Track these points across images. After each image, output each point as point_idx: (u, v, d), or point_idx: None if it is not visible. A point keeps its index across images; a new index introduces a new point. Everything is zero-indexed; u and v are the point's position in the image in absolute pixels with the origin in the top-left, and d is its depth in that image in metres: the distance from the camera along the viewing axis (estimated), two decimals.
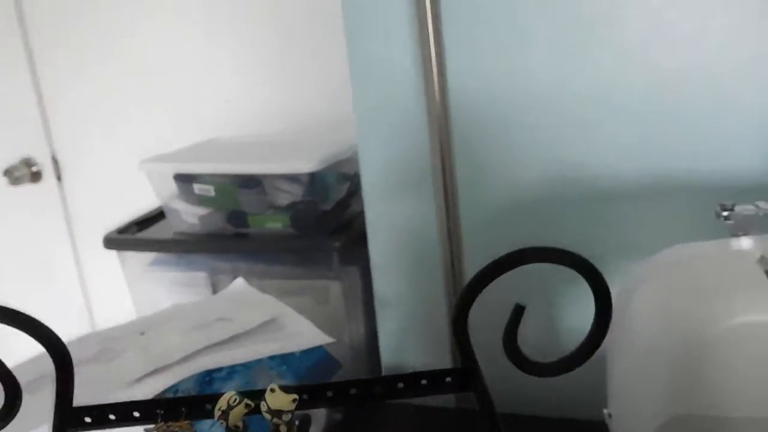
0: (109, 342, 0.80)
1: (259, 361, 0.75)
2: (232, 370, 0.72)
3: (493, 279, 0.37)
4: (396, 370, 1.08)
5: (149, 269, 1.20)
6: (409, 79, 0.89)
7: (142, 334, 0.81)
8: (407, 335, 1.05)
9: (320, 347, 0.82)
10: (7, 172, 1.50)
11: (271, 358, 0.77)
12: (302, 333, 0.81)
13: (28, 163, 1.53)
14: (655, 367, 0.51)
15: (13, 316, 0.36)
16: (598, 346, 0.38)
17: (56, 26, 1.48)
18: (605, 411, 0.59)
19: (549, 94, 0.84)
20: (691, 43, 0.78)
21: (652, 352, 0.51)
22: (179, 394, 0.75)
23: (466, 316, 0.38)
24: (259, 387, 0.79)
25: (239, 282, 0.95)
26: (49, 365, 0.40)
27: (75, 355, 0.61)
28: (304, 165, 1.07)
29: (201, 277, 1.20)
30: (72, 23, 1.46)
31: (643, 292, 0.53)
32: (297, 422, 0.84)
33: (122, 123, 1.47)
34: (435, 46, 0.84)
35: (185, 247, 1.18)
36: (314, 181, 1.10)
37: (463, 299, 0.37)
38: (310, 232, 1.12)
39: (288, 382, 0.82)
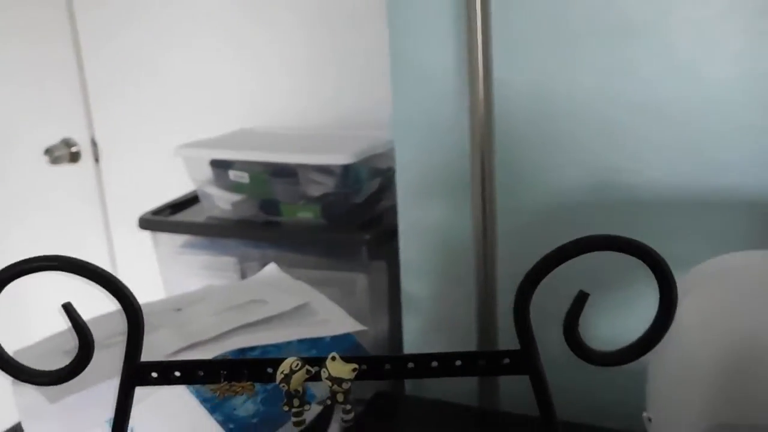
0: (145, 316, 0.81)
1: (289, 344, 0.77)
2: (264, 351, 0.74)
3: (559, 263, 0.38)
4: None
5: (181, 252, 1.22)
6: (452, 80, 0.90)
7: (178, 310, 0.83)
8: (432, 335, 1.06)
9: (350, 335, 0.83)
10: (48, 151, 1.54)
11: (301, 341, 0.78)
12: (334, 319, 0.82)
13: (68, 143, 1.57)
14: (698, 375, 0.51)
15: (91, 271, 0.37)
16: (660, 337, 0.38)
17: (101, 12, 1.51)
18: (645, 415, 0.59)
19: (594, 101, 0.85)
20: (738, 57, 0.78)
21: (697, 359, 0.52)
22: None
23: (529, 298, 0.39)
24: None
25: (272, 267, 0.97)
26: (116, 325, 0.41)
27: (111, 328, 0.64)
28: (339, 157, 1.09)
29: (231, 262, 1.22)
30: (116, 10, 1.49)
31: (689, 301, 0.53)
32: (317, 416, 0.85)
33: (161, 109, 1.50)
34: (483, 49, 0.84)
35: (217, 231, 1.20)
36: (347, 173, 1.11)
37: (528, 281, 0.38)
38: (341, 224, 1.14)
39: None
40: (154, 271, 1.26)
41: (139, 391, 0.47)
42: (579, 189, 0.89)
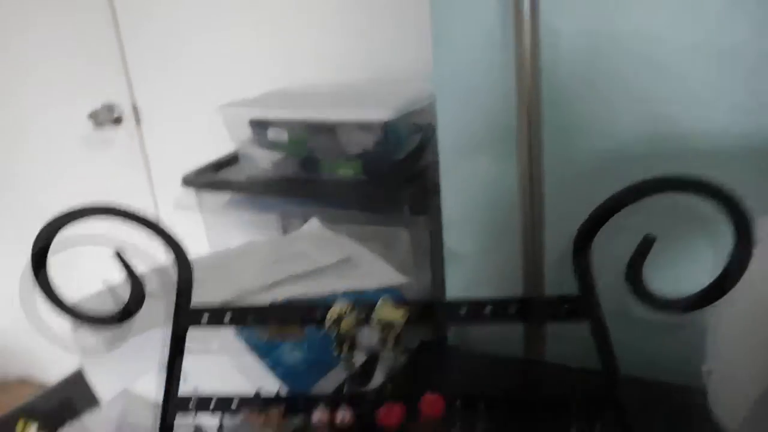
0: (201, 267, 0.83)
1: (333, 296, 0.77)
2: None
3: (625, 205, 0.36)
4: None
5: (224, 210, 1.24)
6: (497, 29, 0.87)
7: (224, 265, 0.84)
8: (475, 290, 1.05)
9: (394, 288, 0.83)
10: (92, 116, 1.56)
11: (345, 294, 0.79)
12: (378, 272, 0.82)
13: (110, 108, 1.59)
14: (764, 329, 0.49)
15: (141, 218, 0.38)
16: (735, 282, 0.36)
17: None
18: (705, 368, 0.58)
19: (649, 46, 0.81)
20: None
21: (763, 313, 0.50)
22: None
23: (591, 241, 0.38)
24: None
25: (314, 222, 0.97)
26: (158, 281, 0.42)
27: (158, 282, 0.65)
28: (379, 113, 1.07)
29: (272, 219, 1.23)
30: None
31: (758, 251, 0.51)
32: (364, 361, 0.86)
33: (199, 72, 1.50)
34: None
35: (258, 189, 1.20)
36: (388, 130, 1.10)
37: (591, 223, 0.37)
38: (382, 181, 1.13)
39: None
40: (199, 229, 1.27)
41: (192, 339, 0.48)
42: (631, 140, 0.86)
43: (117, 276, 0.87)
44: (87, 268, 1.31)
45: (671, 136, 0.83)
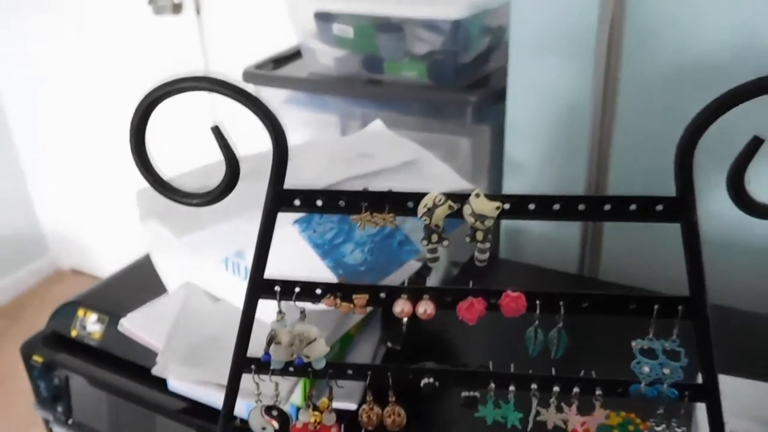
0: (257, 164, 0.83)
1: None
2: None
3: (733, 106, 0.34)
4: (516, 236, 1.08)
5: (283, 106, 1.23)
6: None
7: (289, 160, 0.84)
8: None
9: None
10: (152, 1, 1.54)
11: None
12: (442, 177, 0.81)
13: None
14: None
15: (249, 98, 0.37)
16: None
17: None
18: None
19: None
20: None
21: None
22: (323, 218, 0.78)
23: (697, 141, 0.36)
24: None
25: (378, 123, 0.96)
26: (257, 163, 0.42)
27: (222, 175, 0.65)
28: (449, 11, 1.03)
29: (331, 119, 1.22)
30: None
31: None
32: (418, 269, 0.86)
33: None
34: None
35: (319, 87, 1.19)
36: (457, 30, 1.06)
37: (700, 121, 0.35)
38: (446, 84, 1.10)
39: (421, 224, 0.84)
40: (256, 125, 1.27)
41: (256, 234, 0.48)
42: (718, 50, 0.81)
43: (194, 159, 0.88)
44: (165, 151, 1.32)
45: (757, 48, 0.79)
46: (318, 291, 0.44)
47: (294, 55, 1.25)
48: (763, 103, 0.40)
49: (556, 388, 0.44)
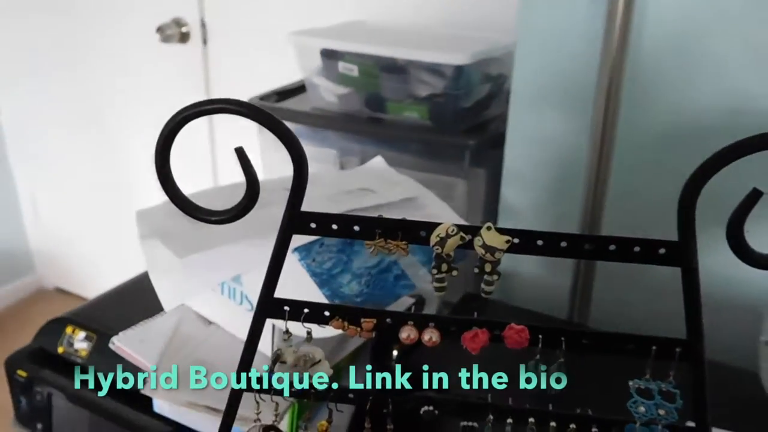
0: (262, 192, 0.84)
1: None
2: None
3: (745, 154, 0.36)
4: (510, 278, 1.09)
5: None
6: None
7: (286, 189, 0.85)
8: None
9: None
10: (160, 29, 1.57)
11: None
12: (442, 215, 0.83)
13: (178, 23, 1.59)
14: None
15: (267, 117, 0.38)
16: None
17: None
18: (762, 338, 0.58)
19: (741, 20, 0.79)
20: None
21: None
22: (323, 248, 0.79)
23: (701, 187, 0.38)
24: (392, 259, 0.83)
25: (379, 160, 0.98)
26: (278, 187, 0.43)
27: (227, 199, 0.66)
28: (453, 57, 1.06)
29: (331, 154, 1.24)
30: None
31: None
32: (413, 303, 0.87)
33: None
34: None
35: (321, 122, 1.21)
36: (459, 75, 1.09)
37: (702, 172, 0.37)
38: (446, 127, 1.13)
39: (419, 259, 0.85)
40: (255, 156, 1.29)
41: (255, 258, 0.48)
42: (711, 112, 0.85)
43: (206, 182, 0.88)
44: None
45: (750, 112, 0.82)
46: (326, 313, 0.45)
47: (298, 89, 1.28)
48: (764, 158, 0.42)
49: (552, 424, 0.45)
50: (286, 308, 0.45)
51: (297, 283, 0.77)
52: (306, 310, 0.44)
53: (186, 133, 0.50)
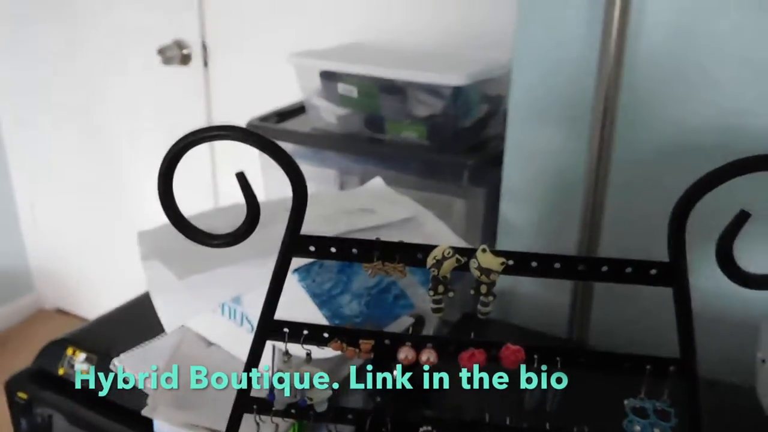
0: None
1: None
2: None
3: (726, 180, 0.37)
4: (507, 297, 1.10)
5: None
6: (585, 5, 0.87)
7: (287, 211, 0.86)
8: None
9: None
10: (161, 51, 1.58)
11: None
12: (440, 235, 0.84)
13: (180, 45, 1.61)
14: None
15: (266, 142, 0.39)
16: None
17: None
18: (759, 355, 0.59)
19: (735, 40, 0.81)
20: None
21: None
22: (323, 268, 0.80)
23: (689, 210, 0.39)
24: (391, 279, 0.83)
25: (378, 180, 0.99)
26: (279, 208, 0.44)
27: (228, 220, 0.67)
28: (451, 78, 1.08)
29: (331, 174, 1.25)
30: None
31: None
32: (412, 323, 0.88)
33: (273, 16, 1.50)
34: None
35: (321, 143, 1.22)
36: (458, 95, 1.10)
37: (691, 194, 0.38)
38: (445, 147, 1.14)
39: (418, 279, 0.86)
40: (256, 176, 1.30)
41: (255, 280, 0.49)
42: (706, 129, 0.86)
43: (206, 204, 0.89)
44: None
45: (745, 131, 0.83)
46: (325, 335, 0.45)
47: (298, 110, 1.29)
48: (751, 180, 0.43)
49: None
50: (286, 330, 0.45)
51: (297, 304, 0.77)
52: (305, 332, 0.45)
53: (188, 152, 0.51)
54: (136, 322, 0.90)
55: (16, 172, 2.19)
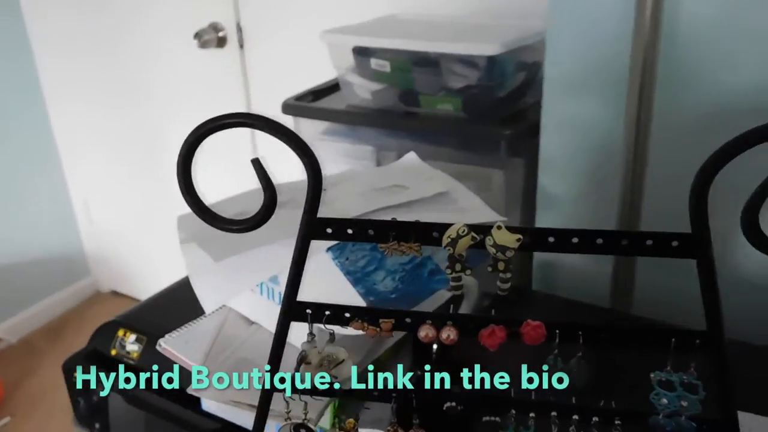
0: (294, 193, 0.86)
1: None
2: None
3: (750, 146, 0.36)
4: (548, 268, 1.08)
5: (321, 138, 1.26)
6: None
7: (324, 190, 0.86)
8: None
9: None
10: (197, 35, 1.61)
11: None
12: (474, 208, 0.83)
13: (215, 27, 1.63)
14: None
15: (280, 129, 0.40)
16: None
17: None
18: None
19: None
20: None
21: None
22: (356, 246, 0.80)
23: (710, 181, 0.38)
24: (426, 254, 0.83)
25: (412, 156, 0.98)
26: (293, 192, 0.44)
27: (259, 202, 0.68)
28: (485, 48, 1.06)
29: (368, 150, 1.25)
30: None
31: None
32: (450, 297, 0.88)
33: None
34: None
35: (356, 119, 1.22)
36: (492, 65, 1.09)
37: (714, 162, 0.37)
38: (481, 118, 1.12)
39: None
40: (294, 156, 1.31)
41: (289, 258, 0.50)
42: (751, 94, 0.82)
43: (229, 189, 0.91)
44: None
45: None
46: (347, 315, 0.46)
47: (332, 87, 1.29)
48: None
49: (575, 417, 0.45)
50: (309, 311, 0.46)
51: (332, 282, 0.78)
52: (327, 312, 0.46)
53: (228, 138, 0.51)
54: (183, 302, 0.93)
55: (68, 165, 2.27)
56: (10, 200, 2.19)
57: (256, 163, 0.42)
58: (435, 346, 0.84)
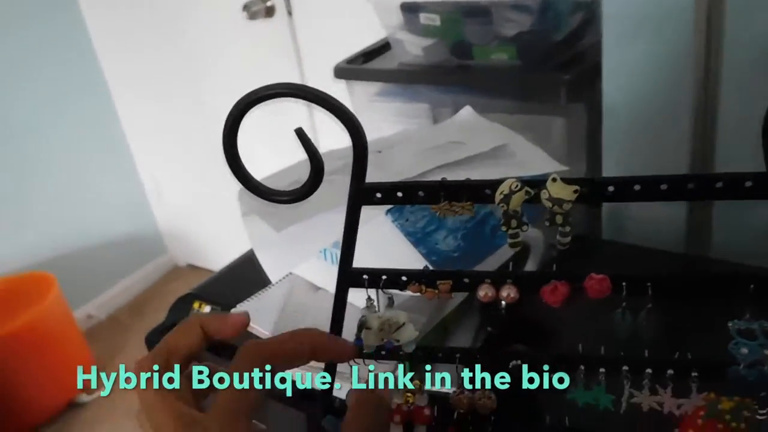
0: (350, 158, 0.86)
1: None
2: None
3: None
4: (618, 216, 1.04)
5: (375, 99, 1.25)
6: None
7: (379, 152, 0.86)
8: None
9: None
10: (246, 7, 1.61)
11: None
12: (535, 159, 0.81)
13: None
14: None
15: (322, 98, 0.39)
16: None
17: None
18: None
19: None
20: None
21: None
22: (415, 206, 0.79)
23: None
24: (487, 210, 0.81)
25: (467, 110, 0.96)
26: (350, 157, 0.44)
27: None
28: None
29: (423, 108, 1.23)
30: None
31: None
32: (515, 252, 0.86)
33: None
34: None
35: (409, 77, 1.20)
36: (546, 9, 1.04)
37: None
38: (537, 65, 1.08)
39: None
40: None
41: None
42: None
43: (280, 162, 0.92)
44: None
45: None
46: (403, 278, 0.45)
47: (383, 48, 1.27)
48: None
49: (648, 371, 0.43)
50: (365, 277, 0.46)
51: (393, 244, 0.78)
52: (384, 277, 0.45)
53: (285, 109, 0.50)
54: (253, 272, 0.95)
55: (137, 151, 2.35)
56: (90, 191, 2.31)
57: (300, 133, 0.41)
58: (503, 304, 0.83)
